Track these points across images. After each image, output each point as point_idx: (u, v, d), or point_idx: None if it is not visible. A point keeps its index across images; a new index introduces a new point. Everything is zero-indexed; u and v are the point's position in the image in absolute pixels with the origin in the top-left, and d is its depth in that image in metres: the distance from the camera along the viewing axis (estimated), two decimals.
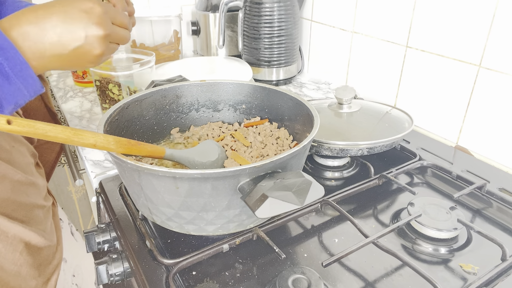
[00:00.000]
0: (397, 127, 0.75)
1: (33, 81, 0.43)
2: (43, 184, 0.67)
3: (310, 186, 0.44)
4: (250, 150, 0.64)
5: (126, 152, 0.49)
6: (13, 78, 0.41)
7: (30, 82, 0.43)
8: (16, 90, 0.42)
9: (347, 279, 0.51)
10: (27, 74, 0.42)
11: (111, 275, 0.55)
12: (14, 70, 0.41)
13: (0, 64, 0.40)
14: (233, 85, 0.71)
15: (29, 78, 0.42)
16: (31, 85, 0.43)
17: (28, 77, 0.42)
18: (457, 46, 0.78)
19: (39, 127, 0.39)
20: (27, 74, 0.42)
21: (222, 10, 1.07)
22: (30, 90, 0.43)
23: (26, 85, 0.42)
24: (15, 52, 0.41)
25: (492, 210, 0.63)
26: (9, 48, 0.41)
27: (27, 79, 0.42)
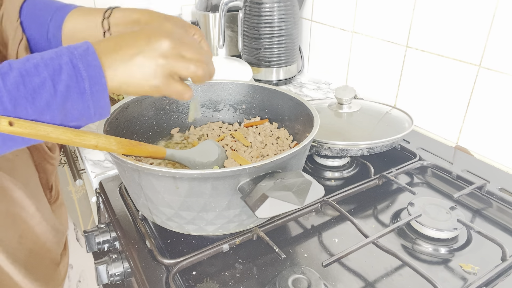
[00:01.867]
0: (397, 127, 0.75)
1: (104, 104, 0.43)
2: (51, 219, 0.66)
3: (310, 186, 0.44)
4: (250, 150, 0.64)
5: (128, 152, 0.49)
6: (88, 96, 0.41)
7: (102, 103, 0.43)
8: (85, 108, 0.42)
9: (347, 279, 0.51)
10: (102, 96, 0.42)
11: (111, 275, 0.55)
12: (92, 89, 0.41)
13: (82, 80, 0.40)
14: (233, 85, 0.71)
15: (102, 100, 0.42)
16: (101, 108, 0.43)
17: (101, 99, 0.42)
18: (457, 46, 0.78)
19: (41, 129, 0.39)
20: (102, 96, 0.42)
21: (222, 10, 1.07)
22: (97, 111, 0.43)
23: (96, 106, 0.42)
24: (100, 72, 0.41)
25: (492, 210, 0.63)
26: (95, 67, 0.41)
27: (99, 99, 0.42)
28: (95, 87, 0.41)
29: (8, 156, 0.57)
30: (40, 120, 0.40)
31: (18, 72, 0.38)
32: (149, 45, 0.43)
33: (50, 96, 0.39)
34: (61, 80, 0.40)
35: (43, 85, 0.39)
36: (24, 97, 0.38)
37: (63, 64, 0.40)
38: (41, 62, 0.40)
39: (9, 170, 0.57)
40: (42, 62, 0.40)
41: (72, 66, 0.40)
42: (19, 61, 0.40)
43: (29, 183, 0.61)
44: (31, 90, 0.39)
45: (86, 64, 0.41)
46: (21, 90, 0.38)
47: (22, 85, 0.38)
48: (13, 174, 0.57)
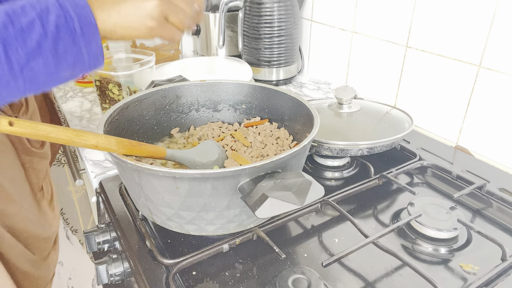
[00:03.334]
0: (397, 127, 0.75)
1: (97, 48, 0.42)
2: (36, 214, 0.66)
3: (310, 186, 0.44)
4: (250, 150, 0.64)
5: (128, 152, 0.49)
6: (79, 36, 0.40)
7: (94, 47, 0.42)
8: (78, 51, 0.41)
9: (347, 279, 0.51)
10: (93, 38, 0.41)
11: (111, 275, 0.55)
12: (83, 30, 0.40)
13: (71, 19, 0.40)
14: (233, 85, 0.71)
15: (93, 43, 0.42)
16: (93, 53, 0.42)
17: (93, 41, 0.41)
18: (457, 46, 0.78)
19: (41, 129, 0.39)
20: (93, 38, 0.41)
21: (222, 10, 1.07)
22: (91, 57, 0.42)
23: (89, 49, 0.41)
24: (88, 11, 0.41)
25: (492, 210, 0.63)
26: (83, 6, 0.40)
27: (91, 42, 0.41)
28: (85, 27, 0.41)
29: None
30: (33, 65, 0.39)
31: (4, 12, 0.38)
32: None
33: (40, 36, 0.38)
34: (49, 20, 0.39)
35: (31, 25, 0.38)
36: (14, 37, 0.37)
37: (49, 4, 0.39)
38: (27, 3, 0.39)
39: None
40: (28, 3, 0.39)
41: (59, 5, 0.40)
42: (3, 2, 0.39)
43: (15, 180, 0.61)
44: (20, 30, 0.38)
45: (73, 4, 0.40)
46: (9, 29, 0.37)
47: (10, 24, 0.37)
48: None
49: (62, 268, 0.75)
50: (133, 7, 0.44)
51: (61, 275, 0.75)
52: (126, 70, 0.83)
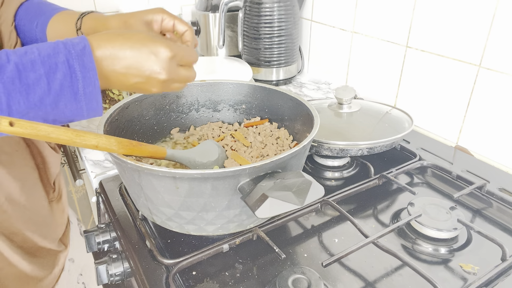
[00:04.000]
0: (397, 127, 0.75)
1: (96, 106, 0.44)
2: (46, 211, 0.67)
3: (310, 186, 0.44)
4: (250, 150, 0.64)
5: (128, 153, 0.49)
6: (81, 97, 0.42)
7: (94, 105, 0.44)
8: (78, 108, 0.43)
9: (347, 279, 0.51)
10: (94, 98, 0.43)
11: (111, 275, 0.55)
12: (85, 91, 0.42)
13: (76, 80, 0.41)
14: (233, 85, 0.71)
15: (94, 102, 0.44)
16: (93, 109, 0.44)
17: (93, 100, 0.44)
18: (457, 46, 0.78)
19: (42, 129, 0.39)
20: (94, 98, 0.43)
21: (222, 10, 1.07)
22: (90, 113, 0.44)
23: (89, 107, 0.44)
24: (94, 75, 0.42)
25: (492, 210, 0.63)
26: (91, 70, 0.42)
27: (92, 101, 0.43)
28: (88, 88, 0.42)
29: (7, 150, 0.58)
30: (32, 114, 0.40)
31: (15, 66, 0.39)
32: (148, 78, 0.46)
33: (44, 92, 0.40)
34: (56, 78, 0.40)
35: (38, 82, 0.40)
36: (19, 91, 0.39)
37: (59, 63, 0.41)
38: (38, 59, 0.40)
39: (7, 163, 0.57)
40: (39, 59, 0.40)
41: (68, 66, 0.41)
42: (17, 52, 0.40)
43: (27, 179, 0.61)
44: (26, 85, 0.39)
45: (82, 65, 0.42)
46: (16, 84, 0.39)
47: (18, 79, 0.39)
48: (11, 169, 0.58)
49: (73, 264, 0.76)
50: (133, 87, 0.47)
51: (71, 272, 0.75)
52: None
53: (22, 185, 0.60)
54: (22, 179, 0.60)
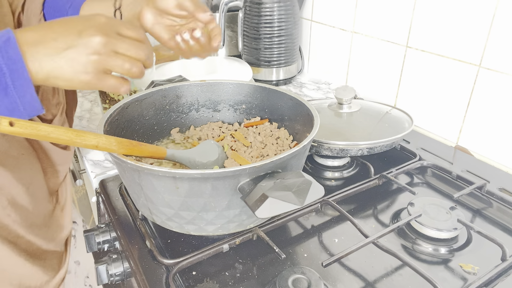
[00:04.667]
0: (397, 127, 0.75)
1: (31, 98, 0.41)
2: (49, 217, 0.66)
3: (310, 186, 0.44)
4: (250, 150, 0.64)
5: (128, 153, 0.49)
6: (12, 90, 0.40)
7: (28, 98, 0.41)
8: (12, 103, 0.40)
9: (347, 279, 0.51)
10: (27, 91, 0.40)
11: (111, 275, 0.55)
12: (15, 84, 0.40)
13: (3, 74, 0.39)
14: (233, 85, 0.71)
15: (27, 95, 0.41)
16: (28, 102, 0.41)
17: (27, 94, 0.41)
18: (457, 46, 0.78)
19: (42, 129, 0.39)
20: (27, 91, 0.40)
21: (222, 10, 1.07)
22: (27, 107, 0.41)
23: (24, 101, 0.41)
24: (22, 66, 0.40)
25: (492, 210, 0.63)
26: (17, 61, 0.39)
27: (25, 95, 0.41)
28: (18, 81, 0.40)
29: (14, 154, 0.58)
30: None
31: None
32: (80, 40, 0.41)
33: None
34: None
35: None
36: None
37: None
38: None
39: (12, 167, 0.57)
40: None
41: None
42: None
43: (32, 183, 0.61)
44: None
45: (7, 57, 0.39)
46: None
47: None
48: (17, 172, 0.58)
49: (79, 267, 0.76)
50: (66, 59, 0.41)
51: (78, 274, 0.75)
52: None
53: (26, 188, 0.60)
54: (27, 182, 0.60)
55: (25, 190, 0.59)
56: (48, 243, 0.65)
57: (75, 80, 0.42)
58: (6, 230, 0.58)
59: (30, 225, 0.61)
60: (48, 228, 0.66)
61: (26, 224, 0.60)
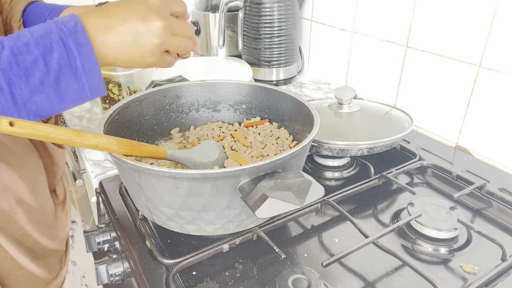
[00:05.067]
0: (397, 127, 0.75)
1: (98, 82, 0.43)
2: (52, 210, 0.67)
3: (310, 186, 0.44)
4: (250, 150, 0.64)
5: (128, 153, 0.49)
6: (81, 73, 0.41)
7: (96, 82, 0.43)
8: (80, 87, 0.42)
9: (347, 279, 0.51)
10: (94, 74, 0.43)
11: (111, 275, 0.55)
12: (84, 67, 0.41)
13: (74, 58, 0.41)
14: (233, 85, 0.71)
15: (95, 78, 0.43)
16: (95, 86, 0.43)
17: (94, 77, 0.43)
18: (457, 46, 0.78)
19: (42, 129, 0.39)
20: (94, 74, 0.43)
21: (222, 10, 1.07)
22: (93, 90, 0.43)
23: (91, 84, 0.43)
24: (90, 50, 0.41)
25: (492, 210, 0.63)
26: (86, 45, 0.41)
27: (93, 78, 0.43)
28: (87, 65, 0.42)
29: (19, 153, 0.58)
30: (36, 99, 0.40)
31: (10, 50, 0.39)
32: (145, 26, 0.44)
33: (43, 74, 0.39)
34: (52, 58, 0.40)
35: (35, 63, 0.39)
36: (18, 75, 0.39)
37: (53, 42, 0.40)
38: (31, 40, 0.40)
39: (18, 167, 0.57)
40: (33, 40, 0.40)
41: (63, 44, 0.40)
42: (10, 38, 0.40)
43: (36, 182, 0.61)
44: (24, 69, 0.39)
45: (76, 42, 0.41)
46: (14, 69, 0.38)
47: (15, 63, 0.38)
48: (21, 172, 0.58)
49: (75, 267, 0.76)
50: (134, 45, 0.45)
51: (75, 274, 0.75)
52: (126, 70, 0.83)
53: (31, 187, 0.60)
54: (31, 181, 0.60)
55: (30, 189, 0.59)
56: (52, 241, 0.66)
57: (141, 62, 0.47)
58: (13, 229, 0.58)
59: (37, 223, 0.62)
60: (53, 227, 0.66)
61: (33, 223, 0.61)
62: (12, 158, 0.57)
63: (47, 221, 0.65)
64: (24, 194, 0.59)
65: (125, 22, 0.44)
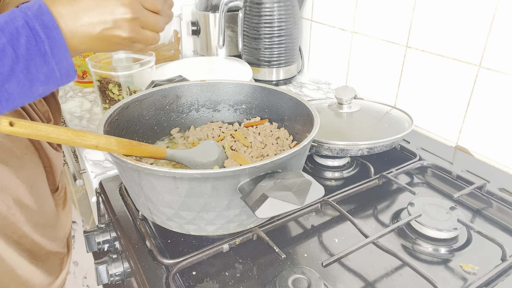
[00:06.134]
0: (397, 127, 0.75)
1: (67, 65, 0.43)
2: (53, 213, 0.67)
3: (310, 186, 0.44)
4: (250, 150, 0.64)
5: (128, 153, 0.49)
6: (50, 57, 0.41)
7: (65, 65, 0.43)
8: (50, 70, 0.42)
9: (347, 279, 0.51)
10: (63, 57, 0.42)
11: (111, 275, 0.55)
12: (53, 50, 0.41)
13: (41, 41, 0.40)
14: (233, 85, 0.71)
15: (64, 61, 0.42)
16: (65, 68, 0.43)
17: (63, 59, 0.42)
18: (457, 46, 0.78)
19: (42, 129, 0.39)
20: (63, 57, 0.42)
21: (222, 10, 1.07)
22: (62, 73, 0.43)
23: (60, 67, 0.42)
24: (58, 32, 0.41)
25: (492, 210, 0.63)
26: (53, 28, 0.41)
27: (62, 60, 0.42)
28: (55, 48, 0.41)
29: (18, 154, 0.58)
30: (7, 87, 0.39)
31: None
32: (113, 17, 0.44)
33: (12, 60, 0.39)
34: (20, 44, 0.39)
35: (3, 51, 0.39)
36: None
37: (19, 27, 0.40)
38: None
39: (16, 167, 0.57)
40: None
41: (29, 28, 0.40)
42: None
43: (35, 182, 0.61)
44: None
45: (43, 26, 0.41)
46: None
47: None
48: (20, 172, 0.58)
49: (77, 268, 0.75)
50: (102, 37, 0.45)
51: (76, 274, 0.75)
52: (126, 70, 0.83)
53: (30, 188, 0.60)
54: (30, 182, 0.60)
55: (29, 189, 0.59)
56: (51, 242, 0.66)
57: (109, 50, 0.47)
58: (11, 230, 0.58)
59: (35, 224, 0.61)
60: (52, 228, 0.66)
61: (31, 224, 0.61)
62: (10, 159, 0.56)
63: (47, 221, 0.65)
64: (23, 195, 0.59)
65: (93, 13, 0.44)
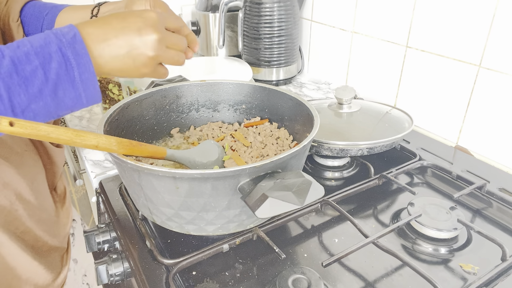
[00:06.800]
0: (397, 127, 0.75)
1: (94, 91, 0.45)
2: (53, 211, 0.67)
3: (310, 186, 0.44)
4: (250, 150, 0.64)
5: (128, 153, 0.49)
6: (78, 84, 0.43)
7: (92, 91, 0.45)
8: (77, 96, 0.44)
9: (347, 279, 0.51)
10: (91, 84, 0.44)
11: (111, 275, 0.55)
12: (82, 77, 0.43)
13: (71, 68, 0.42)
14: (233, 85, 0.71)
15: (91, 87, 0.44)
16: (91, 94, 0.45)
17: (91, 86, 0.44)
18: (457, 46, 0.78)
19: (42, 129, 0.39)
20: (91, 84, 0.44)
21: (222, 10, 1.07)
22: (89, 99, 0.45)
23: (87, 94, 0.44)
24: (88, 60, 0.43)
25: (492, 210, 0.63)
26: (84, 55, 0.43)
27: (89, 87, 0.44)
28: (84, 75, 0.43)
29: (17, 150, 0.58)
30: (34, 107, 0.41)
31: (10, 60, 0.40)
32: (140, 39, 0.46)
33: (42, 83, 0.41)
34: (51, 68, 0.41)
35: (35, 73, 0.40)
36: (18, 84, 0.40)
37: (52, 52, 0.41)
38: (31, 51, 0.41)
39: (17, 163, 0.58)
40: (33, 50, 0.41)
41: (62, 54, 0.42)
42: (10, 47, 0.41)
43: (35, 179, 0.62)
44: (24, 78, 0.40)
45: (75, 53, 0.42)
46: (14, 78, 0.40)
47: (15, 73, 0.40)
48: (21, 168, 0.58)
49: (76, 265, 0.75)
50: (129, 57, 0.46)
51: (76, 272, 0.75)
52: None
53: (31, 184, 0.60)
54: (31, 178, 0.60)
55: (30, 186, 0.60)
56: (53, 238, 0.66)
57: (135, 73, 0.49)
58: (15, 225, 0.58)
59: (37, 220, 0.62)
60: (54, 224, 0.66)
61: (34, 219, 0.61)
62: (11, 155, 0.57)
63: (48, 218, 0.65)
64: (24, 191, 0.59)
65: (121, 35, 0.46)
